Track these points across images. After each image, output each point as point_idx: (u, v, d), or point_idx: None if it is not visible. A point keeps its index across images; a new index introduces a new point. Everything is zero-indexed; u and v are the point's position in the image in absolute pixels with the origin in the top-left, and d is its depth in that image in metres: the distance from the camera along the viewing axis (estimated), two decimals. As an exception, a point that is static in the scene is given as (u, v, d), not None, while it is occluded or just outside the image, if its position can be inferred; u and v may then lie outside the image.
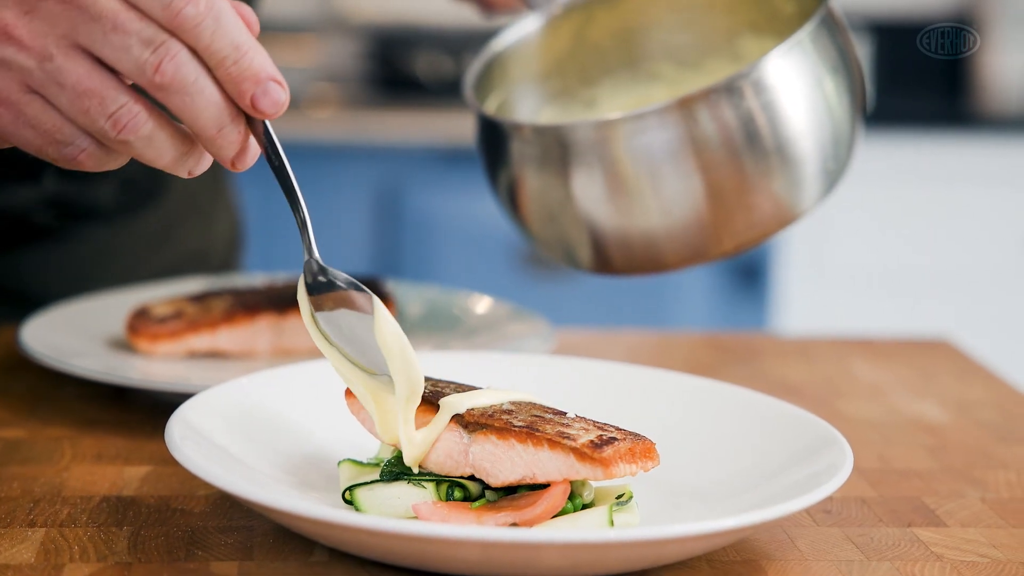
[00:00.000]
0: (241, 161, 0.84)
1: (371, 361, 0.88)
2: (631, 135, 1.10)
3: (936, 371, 1.33)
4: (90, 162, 0.83)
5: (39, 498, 0.92)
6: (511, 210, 1.21)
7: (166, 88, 0.80)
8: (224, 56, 0.81)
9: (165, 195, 1.54)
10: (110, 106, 0.80)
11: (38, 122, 0.81)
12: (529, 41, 1.32)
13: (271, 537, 0.85)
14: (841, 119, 1.14)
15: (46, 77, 0.80)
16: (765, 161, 1.10)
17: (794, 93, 1.10)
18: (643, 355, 1.38)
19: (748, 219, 1.13)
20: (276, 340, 1.25)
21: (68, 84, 0.80)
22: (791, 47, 1.10)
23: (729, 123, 1.09)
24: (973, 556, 0.86)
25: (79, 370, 1.11)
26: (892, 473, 1.02)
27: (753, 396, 0.99)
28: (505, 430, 0.85)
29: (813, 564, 0.84)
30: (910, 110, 3.44)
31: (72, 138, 0.81)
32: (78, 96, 0.80)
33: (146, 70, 0.79)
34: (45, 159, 0.83)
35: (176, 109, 0.81)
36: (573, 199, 1.14)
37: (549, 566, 0.77)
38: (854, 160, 1.19)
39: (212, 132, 0.82)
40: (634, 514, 0.86)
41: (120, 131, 0.80)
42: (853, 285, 3.31)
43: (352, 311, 0.87)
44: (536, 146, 1.15)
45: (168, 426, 0.87)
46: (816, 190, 1.15)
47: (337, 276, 0.88)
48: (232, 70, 0.81)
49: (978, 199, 3.30)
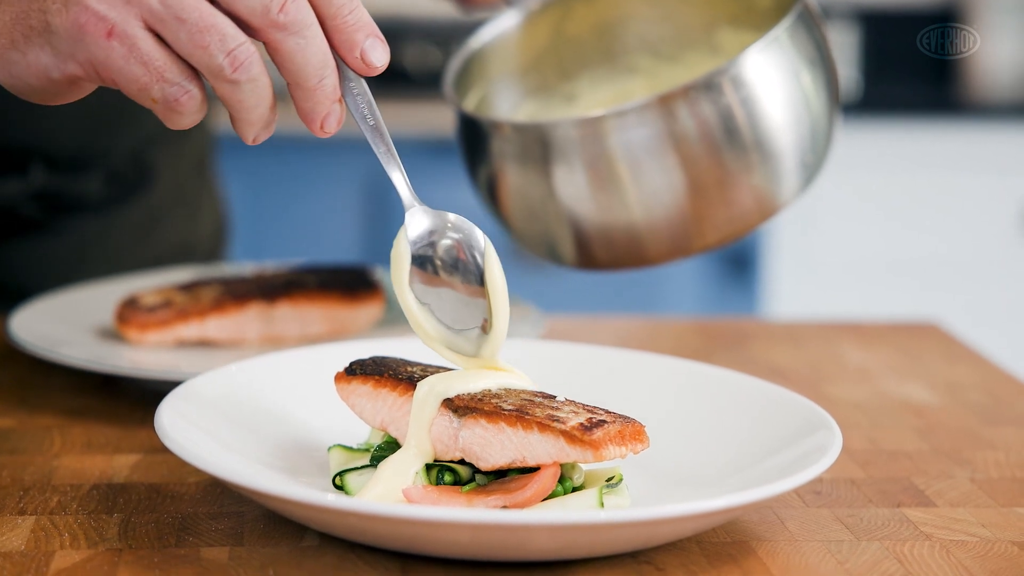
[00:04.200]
0: (329, 122, 0.86)
1: (456, 321, 0.89)
2: (612, 132, 1.10)
3: (924, 354, 1.34)
4: (189, 105, 0.83)
5: (29, 486, 0.92)
6: (492, 207, 1.21)
7: (287, 27, 0.82)
8: (342, 4, 0.84)
9: (151, 187, 1.54)
10: (229, 43, 0.81)
11: (150, 58, 0.81)
12: (508, 36, 1.32)
13: (261, 522, 0.85)
14: (819, 112, 1.15)
15: (167, 12, 0.81)
16: (745, 155, 1.11)
17: (772, 88, 1.11)
18: (632, 341, 1.38)
19: (729, 213, 1.14)
20: (265, 328, 1.25)
21: (190, 19, 0.81)
22: (769, 42, 1.10)
23: (709, 119, 1.09)
24: (962, 535, 0.87)
25: (68, 359, 1.11)
26: (881, 454, 1.03)
27: (742, 379, 0.99)
28: (495, 414, 0.85)
29: (803, 544, 0.84)
30: (899, 98, 3.44)
31: (179, 79, 0.82)
32: (200, 31, 0.81)
33: (271, 8, 0.81)
34: (143, 101, 0.83)
35: (289, 51, 0.82)
36: (554, 196, 1.14)
37: (540, 548, 0.77)
38: (832, 153, 1.19)
39: (314, 82, 0.84)
40: (624, 496, 0.86)
41: (236, 68, 0.81)
42: (842, 273, 3.32)
43: (443, 280, 0.88)
44: (516, 144, 1.15)
45: (158, 413, 0.87)
46: (795, 183, 1.16)
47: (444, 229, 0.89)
48: (349, 19, 0.84)
49: (967, 186, 3.30)
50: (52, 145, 1.43)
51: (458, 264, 0.88)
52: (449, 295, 0.89)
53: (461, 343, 0.89)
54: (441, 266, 0.88)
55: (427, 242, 0.89)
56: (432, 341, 0.89)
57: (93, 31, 0.81)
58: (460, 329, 0.89)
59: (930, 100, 3.47)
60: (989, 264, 3.31)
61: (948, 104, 3.44)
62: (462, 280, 0.88)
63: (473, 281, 0.88)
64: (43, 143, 1.42)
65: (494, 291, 0.88)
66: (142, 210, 1.53)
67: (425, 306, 0.89)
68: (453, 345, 0.89)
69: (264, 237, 3.10)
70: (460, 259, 0.88)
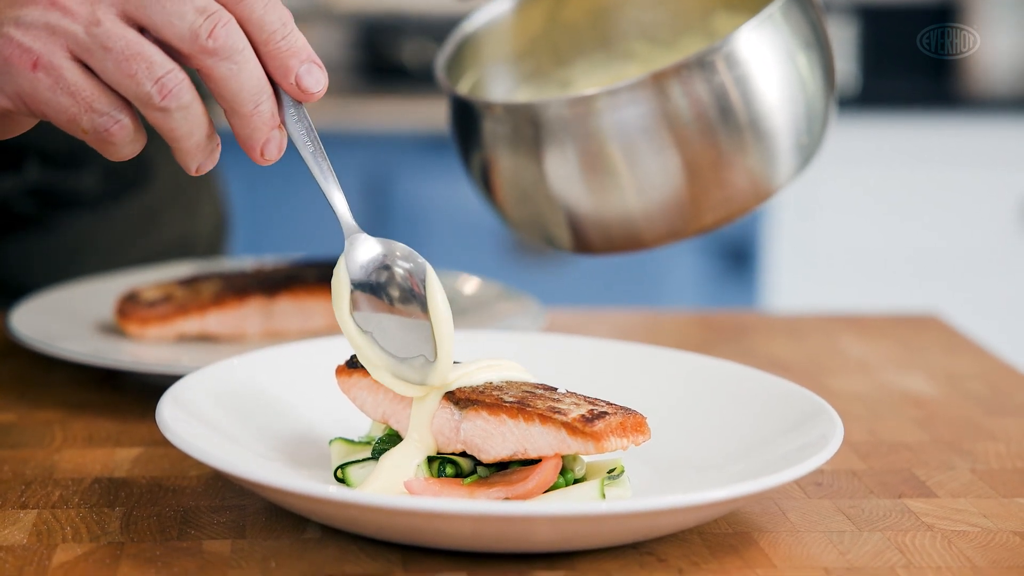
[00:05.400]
0: (269, 149, 0.84)
1: (400, 349, 0.88)
2: (604, 112, 1.09)
3: (924, 346, 1.34)
4: (120, 135, 0.82)
5: (31, 480, 0.92)
6: (485, 192, 1.20)
7: (217, 53, 0.80)
8: (274, 30, 0.82)
9: (149, 183, 1.53)
10: (157, 71, 0.80)
11: (77, 89, 0.80)
12: (502, 21, 1.31)
13: (263, 515, 0.86)
14: (814, 94, 1.14)
15: (93, 42, 0.80)
16: (739, 135, 1.10)
17: (767, 67, 1.10)
18: (633, 334, 1.38)
19: (723, 194, 1.12)
20: (266, 323, 1.25)
21: (116, 48, 0.79)
22: (762, 21, 1.09)
23: (702, 97, 1.08)
24: (964, 526, 0.87)
25: (69, 354, 1.11)
26: (882, 446, 1.03)
27: (744, 371, 0.99)
28: (496, 406, 0.85)
29: (804, 535, 0.85)
30: (898, 91, 3.44)
31: (109, 108, 0.81)
32: (126, 59, 0.79)
33: (200, 34, 0.80)
34: (75, 132, 0.82)
35: (221, 77, 0.81)
36: (547, 178, 1.13)
37: (541, 539, 0.77)
38: (827, 137, 1.18)
39: (249, 108, 0.82)
40: (626, 488, 0.86)
41: (165, 96, 0.80)
42: (842, 266, 3.32)
43: (388, 306, 0.87)
44: (508, 125, 1.14)
45: (159, 406, 0.87)
46: (790, 165, 1.14)
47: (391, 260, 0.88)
48: (281, 44, 0.82)
49: (966, 179, 3.30)
50: (46, 141, 1.42)
51: (402, 291, 0.87)
52: (392, 322, 0.87)
53: (407, 371, 0.87)
54: (384, 294, 0.87)
55: (371, 269, 0.87)
56: (376, 369, 0.88)
57: (18, 63, 0.80)
58: (404, 357, 0.87)
59: (929, 94, 3.47)
60: (989, 257, 3.31)
61: (947, 98, 3.44)
62: (406, 307, 0.87)
63: (417, 308, 0.87)
64: (37, 138, 1.42)
65: (437, 318, 0.86)
66: (140, 206, 1.53)
67: (367, 334, 0.87)
68: (399, 373, 0.88)
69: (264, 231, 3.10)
70: (403, 286, 0.87)
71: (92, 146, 0.83)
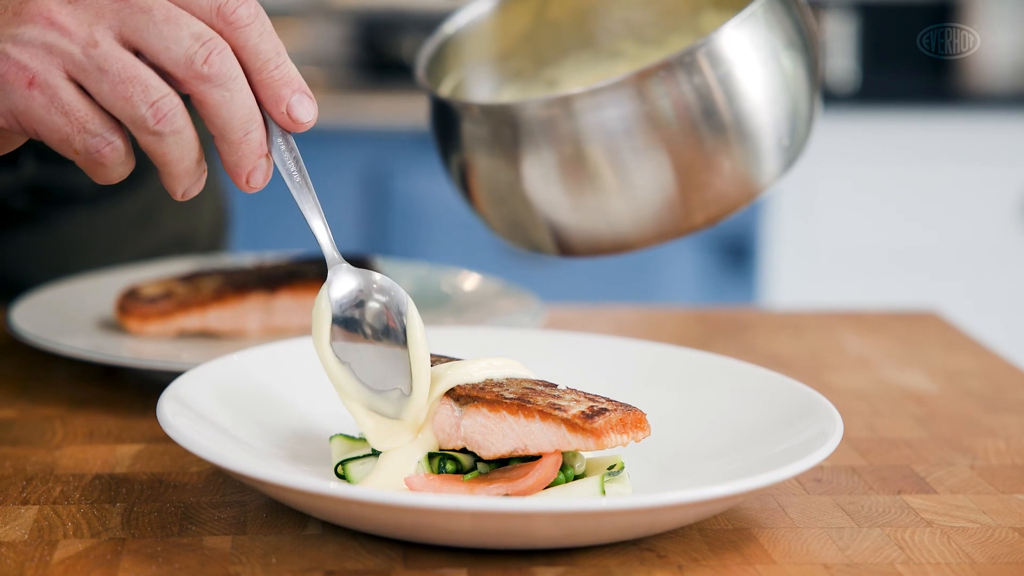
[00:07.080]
0: (254, 177, 0.84)
1: (377, 382, 0.88)
2: (584, 112, 1.08)
3: (924, 342, 1.34)
4: (112, 157, 0.82)
5: (31, 476, 0.92)
6: (465, 195, 1.19)
7: (211, 79, 0.81)
8: (268, 59, 0.82)
9: (146, 179, 1.53)
10: (152, 94, 0.80)
11: (71, 108, 0.80)
12: (485, 21, 1.29)
13: (264, 512, 0.86)
14: (798, 94, 1.13)
15: (89, 63, 0.80)
16: (723, 135, 1.08)
17: (750, 66, 1.08)
18: (632, 330, 1.38)
19: (707, 195, 1.11)
20: (266, 319, 1.25)
21: (112, 70, 0.80)
22: (744, 19, 1.08)
23: (685, 96, 1.07)
24: (963, 522, 0.87)
25: (69, 350, 1.11)
26: (881, 442, 1.03)
27: (743, 367, 0.99)
28: (496, 402, 0.85)
29: (804, 531, 0.85)
30: (897, 88, 3.44)
31: (102, 130, 0.81)
32: (122, 82, 0.80)
33: (195, 60, 0.80)
34: (66, 152, 0.82)
35: (213, 104, 0.81)
36: (525, 181, 1.11)
37: (542, 535, 0.78)
38: (813, 135, 1.17)
39: (239, 135, 0.83)
40: (626, 484, 0.86)
41: (159, 120, 0.80)
42: (842, 262, 3.32)
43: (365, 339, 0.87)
44: (486, 126, 1.12)
45: (160, 402, 0.87)
46: (775, 164, 1.13)
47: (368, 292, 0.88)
48: (275, 73, 0.83)
49: (965, 176, 3.31)
50: None
51: (382, 325, 0.88)
52: (370, 354, 0.87)
53: (382, 404, 0.88)
54: (365, 326, 0.87)
55: (353, 302, 0.87)
56: (351, 402, 0.88)
57: (14, 80, 0.80)
58: (381, 390, 0.88)
59: (928, 91, 3.47)
60: (988, 253, 3.32)
61: (946, 95, 3.45)
62: (385, 341, 0.87)
63: (396, 342, 0.87)
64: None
65: (415, 354, 0.87)
66: (137, 202, 1.53)
67: (345, 365, 0.87)
68: (373, 406, 0.88)
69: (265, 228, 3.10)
70: (384, 320, 0.87)
71: (82, 167, 0.83)
